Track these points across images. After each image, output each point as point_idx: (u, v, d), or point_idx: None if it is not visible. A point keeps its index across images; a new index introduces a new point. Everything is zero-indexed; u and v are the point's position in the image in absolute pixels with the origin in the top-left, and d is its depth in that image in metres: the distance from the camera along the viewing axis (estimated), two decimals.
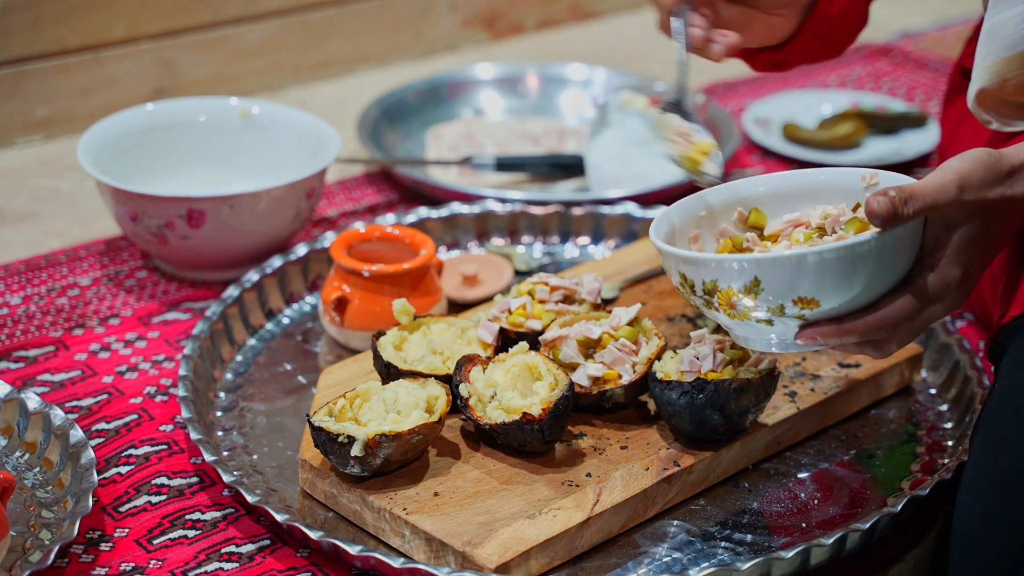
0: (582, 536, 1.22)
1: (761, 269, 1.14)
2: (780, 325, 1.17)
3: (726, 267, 1.15)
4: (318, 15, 2.18)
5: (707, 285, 1.17)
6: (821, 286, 1.14)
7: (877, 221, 1.13)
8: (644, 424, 1.33)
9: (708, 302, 1.18)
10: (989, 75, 1.27)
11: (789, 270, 1.13)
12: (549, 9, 2.42)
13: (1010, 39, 1.26)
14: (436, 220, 1.70)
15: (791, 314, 1.16)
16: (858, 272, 1.14)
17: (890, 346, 1.20)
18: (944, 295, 1.17)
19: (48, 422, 1.32)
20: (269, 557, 1.24)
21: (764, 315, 1.16)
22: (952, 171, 1.14)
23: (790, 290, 1.14)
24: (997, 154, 1.16)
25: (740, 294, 1.16)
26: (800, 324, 1.17)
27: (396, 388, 1.27)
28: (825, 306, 1.15)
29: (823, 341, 1.17)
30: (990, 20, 1.28)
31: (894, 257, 1.15)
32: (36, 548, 1.21)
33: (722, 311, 1.18)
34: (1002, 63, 1.27)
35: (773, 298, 1.15)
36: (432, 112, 2.07)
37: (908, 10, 2.50)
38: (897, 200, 1.12)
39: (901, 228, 1.14)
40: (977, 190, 1.14)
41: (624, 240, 1.72)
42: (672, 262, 1.20)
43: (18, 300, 1.60)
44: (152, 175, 1.72)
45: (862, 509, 1.29)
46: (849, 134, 1.97)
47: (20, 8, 1.91)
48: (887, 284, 1.16)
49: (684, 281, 1.19)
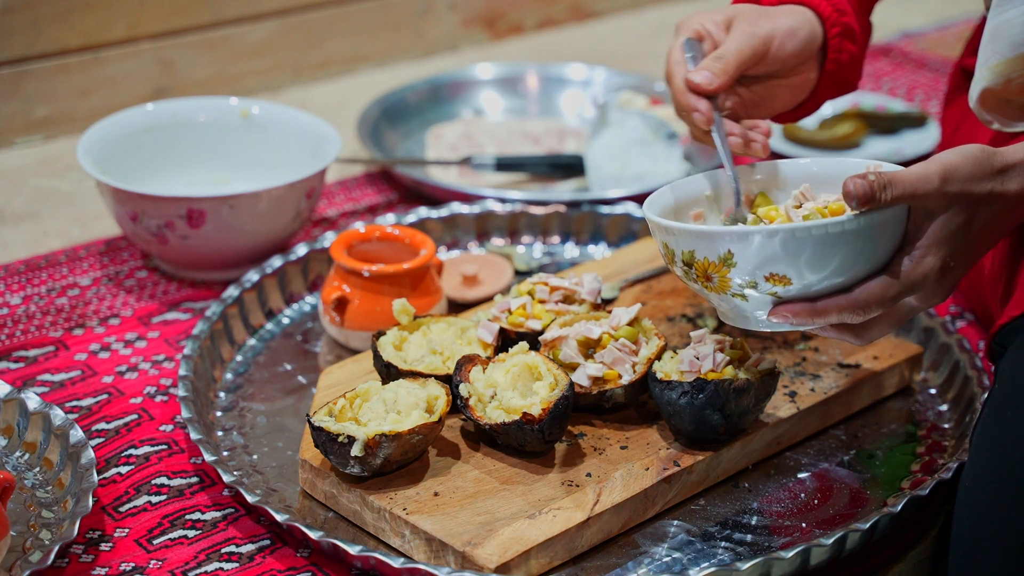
0: (582, 536, 1.22)
1: (734, 242, 1.15)
2: (754, 301, 1.18)
3: (703, 238, 1.17)
4: (318, 15, 2.18)
5: (685, 255, 1.18)
6: (793, 264, 1.15)
7: (852, 203, 1.13)
8: (644, 424, 1.33)
9: (687, 272, 1.20)
10: (993, 75, 1.27)
11: (761, 245, 1.14)
12: (549, 9, 2.42)
13: (1015, 39, 1.26)
14: (436, 220, 1.70)
15: (764, 291, 1.17)
16: (831, 253, 1.14)
17: (868, 333, 1.20)
18: (921, 285, 1.17)
19: (48, 422, 1.32)
20: (269, 557, 1.24)
21: (738, 290, 1.17)
22: (938, 162, 1.15)
23: (762, 265, 1.15)
24: (991, 151, 1.16)
25: (715, 266, 1.17)
26: (773, 301, 1.18)
27: (396, 388, 1.27)
28: (797, 284, 1.16)
29: (795, 320, 1.17)
30: (994, 20, 1.28)
31: (871, 242, 1.15)
32: (36, 548, 1.21)
33: (699, 283, 1.19)
34: (1006, 63, 1.27)
35: (746, 272, 1.16)
36: (432, 112, 2.07)
37: (908, 10, 2.50)
38: (876, 184, 1.13)
39: (879, 214, 1.14)
40: (962, 183, 1.14)
41: (624, 240, 1.72)
42: (657, 231, 1.21)
43: (18, 300, 1.60)
44: (152, 175, 1.72)
45: (862, 509, 1.29)
46: (849, 134, 1.97)
47: (20, 8, 1.91)
48: (864, 269, 1.16)
49: (666, 250, 1.21)
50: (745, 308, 1.20)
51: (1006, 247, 1.38)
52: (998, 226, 1.18)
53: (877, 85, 2.23)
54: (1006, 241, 1.38)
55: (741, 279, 1.17)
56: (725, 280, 1.17)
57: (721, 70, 1.31)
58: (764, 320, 1.19)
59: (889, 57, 2.32)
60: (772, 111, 1.41)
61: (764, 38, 1.34)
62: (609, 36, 2.42)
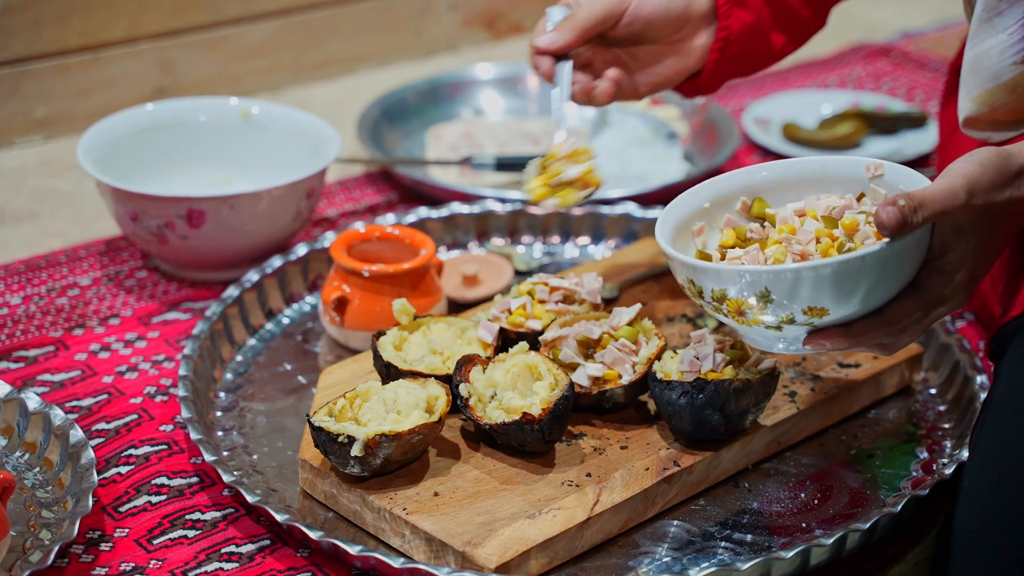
0: (582, 536, 1.21)
1: (771, 281, 1.14)
2: (789, 332, 1.17)
3: (737, 278, 1.15)
4: (318, 15, 2.18)
5: (716, 293, 1.17)
6: (831, 296, 1.14)
7: (886, 232, 1.12)
8: (644, 424, 1.33)
9: (717, 308, 1.18)
10: (976, 105, 1.28)
11: (799, 282, 1.13)
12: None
13: (994, 69, 1.27)
14: (436, 220, 1.70)
15: (800, 322, 1.16)
16: (867, 281, 1.14)
17: (897, 343, 1.20)
18: (951, 297, 1.17)
19: (48, 422, 1.32)
20: (269, 557, 1.24)
21: (773, 322, 1.16)
22: (960, 176, 1.13)
23: (800, 300, 1.14)
24: (1005, 153, 1.15)
25: (749, 303, 1.16)
26: (809, 331, 1.17)
27: (396, 388, 1.27)
28: (834, 314, 1.15)
29: (832, 346, 1.17)
30: (972, 50, 1.29)
31: (902, 264, 1.15)
32: (36, 548, 1.21)
33: (731, 317, 1.18)
34: (988, 94, 1.28)
35: (783, 308, 1.15)
36: (432, 112, 2.07)
37: (908, 10, 2.50)
38: (907, 210, 1.11)
39: (910, 236, 1.13)
40: (986, 194, 1.14)
41: (624, 240, 1.72)
42: (679, 268, 1.20)
43: (18, 300, 1.60)
44: (152, 175, 1.72)
45: (862, 509, 1.29)
46: (849, 134, 1.97)
47: (20, 8, 1.91)
48: (894, 289, 1.16)
49: (692, 286, 1.19)
50: (778, 337, 1.19)
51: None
52: (1014, 227, 1.18)
53: (877, 85, 2.23)
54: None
55: (778, 314, 1.16)
56: (759, 316, 1.17)
57: (568, 28, 1.43)
58: (798, 347, 1.19)
59: (889, 57, 2.32)
60: (662, 77, 1.48)
61: (615, 2, 1.43)
62: None
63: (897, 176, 1.21)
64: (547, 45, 1.44)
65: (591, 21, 1.43)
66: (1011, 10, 1.27)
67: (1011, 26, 1.27)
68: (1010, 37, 1.27)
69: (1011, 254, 1.36)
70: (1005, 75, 1.27)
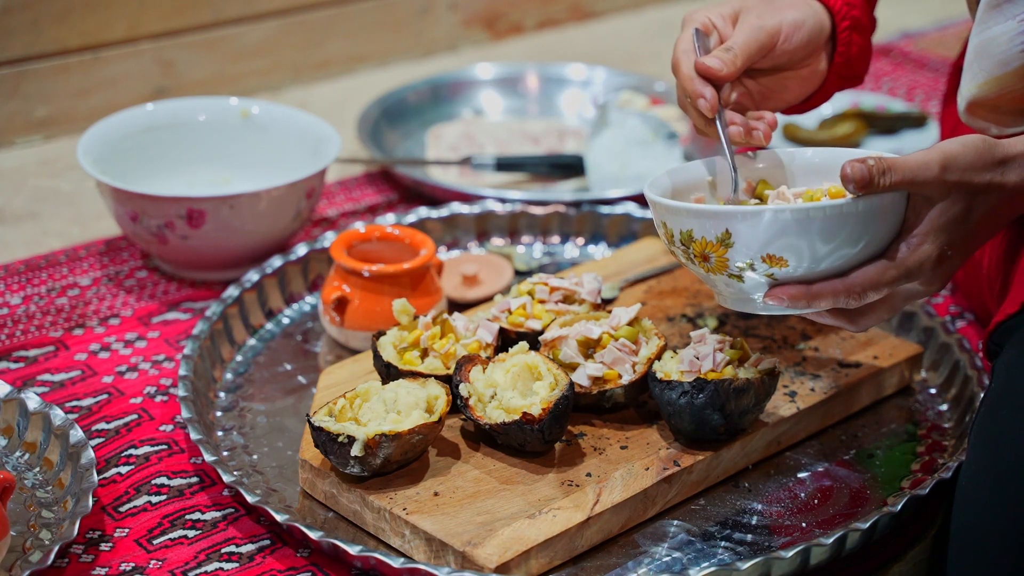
0: (582, 536, 1.22)
1: (732, 221, 1.16)
2: (750, 283, 1.18)
3: (701, 217, 1.17)
4: (318, 15, 2.18)
5: (683, 235, 1.19)
6: (790, 245, 1.15)
7: (850, 186, 1.13)
8: (644, 424, 1.33)
9: (685, 252, 1.20)
10: (982, 91, 1.28)
11: (759, 225, 1.15)
12: (549, 9, 2.42)
13: (1003, 56, 1.27)
14: (436, 220, 1.70)
15: (761, 271, 1.17)
16: (829, 235, 1.14)
17: (864, 319, 1.20)
18: (917, 272, 1.18)
19: (48, 422, 1.32)
20: (269, 557, 1.24)
21: (735, 270, 1.17)
22: (938, 150, 1.15)
23: (760, 246, 1.16)
24: (992, 142, 1.17)
25: (713, 246, 1.17)
26: (770, 283, 1.18)
27: (396, 388, 1.27)
28: (794, 267, 1.16)
29: (791, 303, 1.18)
30: (978, 37, 1.29)
31: (869, 226, 1.15)
32: (36, 548, 1.21)
33: (697, 263, 1.19)
34: (995, 80, 1.28)
35: (743, 253, 1.16)
36: (432, 112, 2.07)
37: (908, 10, 2.50)
38: (875, 169, 1.13)
39: (877, 199, 1.15)
40: (962, 172, 1.15)
41: (624, 240, 1.72)
42: (656, 211, 1.21)
43: (18, 300, 1.60)
44: (152, 175, 1.72)
45: (862, 509, 1.29)
46: (849, 134, 1.97)
47: (20, 8, 1.91)
48: (862, 254, 1.17)
49: (665, 230, 1.21)
50: (742, 290, 1.20)
51: (1002, 244, 1.38)
52: (997, 217, 1.19)
53: (877, 85, 2.23)
54: (1003, 238, 1.38)
55: (739, 260, 1.17)
56: (723, 260, 1.18)
57: (730, 60, 1.30)
58: (760, 302, 1.20)
59: (889, 57, 2.32)
60: (783, 103, 1.41)
61: (771, 32, 1.33)
62: (609, 36, 2.42)
63: None
64: (716, 69, 1.29)
65: (749, 52, 1.31)
66: None
67: (1021, 13, 1.27)
68: (1020, 24, 1.26)
69: (1005, 252, 1.36)
70: (1014, 62, 1.27)
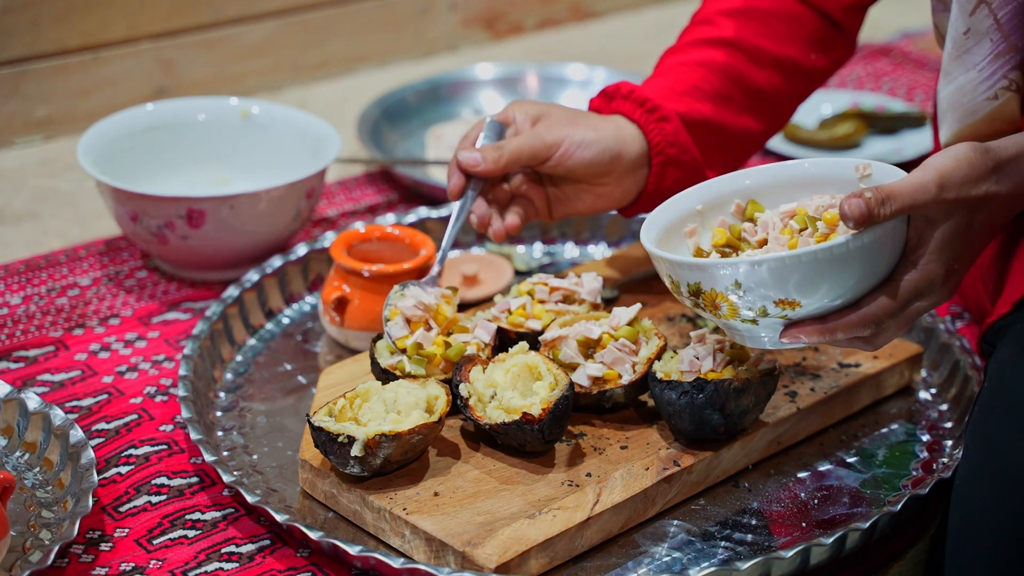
0: (582, 536, 1.22)
1: (740, 273, 1.15)
2: (765, 325, 1.18)
3: (707, 270, 1.16)
4: (318, 15, 2.18)
5: (691, 287, 1.18)
6: (801, 288, 1.15)
7: (850, 224, 1.13)
8: (644, 424, 1.33)
9: (695, 303, 1.19)
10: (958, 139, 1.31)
11: (768, 274, 1.14)
12: (549, 9, 2.42)
13: (971, 105, 1.32)
14: (436, 220, 1.70)
15: (774, 315, 1.16)
16: (837, 273, 1.14)
17: (879, 339, 1.20)
18: (928, 291, 1.18)
19: (48, 422, 1.32)
20: (269, 557, 1.24)
21: (748, 316, 1.17)
22: (933, 169, 1.15)
23: (771, 292, 1.15)
24: (982, 148, 1.16)
25: (722, 296, 1.16)
26: (784, 324, 1.18)
27: (396, 388, 1.27)
28: (807, 307, 1.16)
29: (807, 340, 1.18)
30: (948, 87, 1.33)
31: (874, 257, 1.15)
32: (36, 548, 1.21)
33: (708, 312, 1.19)
34: (968, 128, 1.32)
35: (754, 300, 1.16)
36: (432, 112, 2.07)
37: (908, 10, 2.50)
38: (873, 202, 1.13)
39: (880, 228, 1.14)
40: (959, 187, 1.15)
41: (624, 240, 1.72)
42: (660, 264, 1.21)
43: (18, 300, 1.60)
44: (152, 175, 1.72)
45: (862, 509, 1.29)
46: (849, 134, 1.97)
47: (20, 8, 1.91)
48: (870, 282, 1.16)
49: (672, 282, 1.20)
50: (756, 331, 1.19)
51: (995, 245, 1.38)
52: (995, 222, 1.19)
53: (877, 85, 2.23)
54: (996, 239, 1.38)
55: (750, 306, 1.17)
56: (734, 309, 1.17)
57: (492, 159, 1.40)
58: (777, 341, 1.19)
59: (889, 57, 2.32)
60: (574, 212, 1.48)
61: (549, 144, 1.41)
62: (609, 36, 2.42)
63: (885, 175, 1.21)
64: (468, 164, 1.41)
65: (518, 157, 1.41)
66: (977, 47, 1.29)
67: (980, 62, 1.29)
68: (980, 74, 1.29)
69: (998, 253, 1.36)
70: (981, 110, 1.31)
